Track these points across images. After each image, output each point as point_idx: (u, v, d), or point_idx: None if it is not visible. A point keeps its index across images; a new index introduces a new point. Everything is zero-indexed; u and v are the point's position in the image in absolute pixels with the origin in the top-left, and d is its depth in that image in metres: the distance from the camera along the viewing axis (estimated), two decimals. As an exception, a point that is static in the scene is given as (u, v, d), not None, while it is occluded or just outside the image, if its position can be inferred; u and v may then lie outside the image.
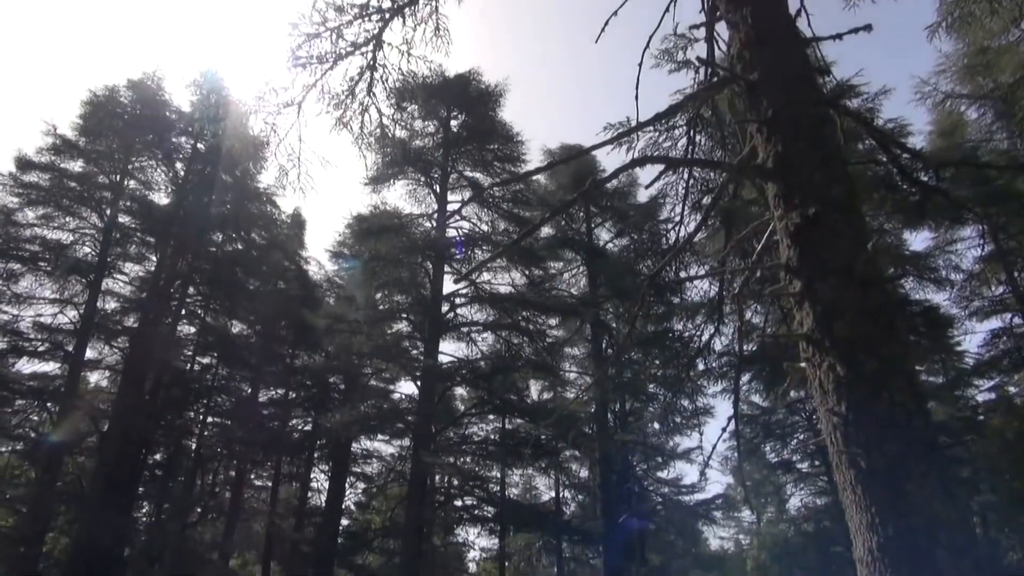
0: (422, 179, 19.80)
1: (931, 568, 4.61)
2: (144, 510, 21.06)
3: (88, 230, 19.51)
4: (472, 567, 29.69)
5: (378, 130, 9.67)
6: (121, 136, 20.29)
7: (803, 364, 5.49)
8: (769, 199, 5.94)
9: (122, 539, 17.57)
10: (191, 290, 21.44)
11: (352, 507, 27.30)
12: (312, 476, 25.08)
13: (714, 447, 8.94)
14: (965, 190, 15.74)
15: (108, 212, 19.47)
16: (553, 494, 27.18)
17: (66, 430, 16.89)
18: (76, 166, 19.87)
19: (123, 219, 20.06)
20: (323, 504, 23.07)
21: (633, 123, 6.61)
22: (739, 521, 24.91)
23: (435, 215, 19.25)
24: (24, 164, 19.16)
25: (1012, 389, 18.74)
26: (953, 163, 11.39)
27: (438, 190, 19.67)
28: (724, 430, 8.68)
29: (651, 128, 7.24)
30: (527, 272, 20.23)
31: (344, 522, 24.63)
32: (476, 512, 19.46)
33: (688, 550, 23.61)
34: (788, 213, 5.55)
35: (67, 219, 19.41)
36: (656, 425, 22.21)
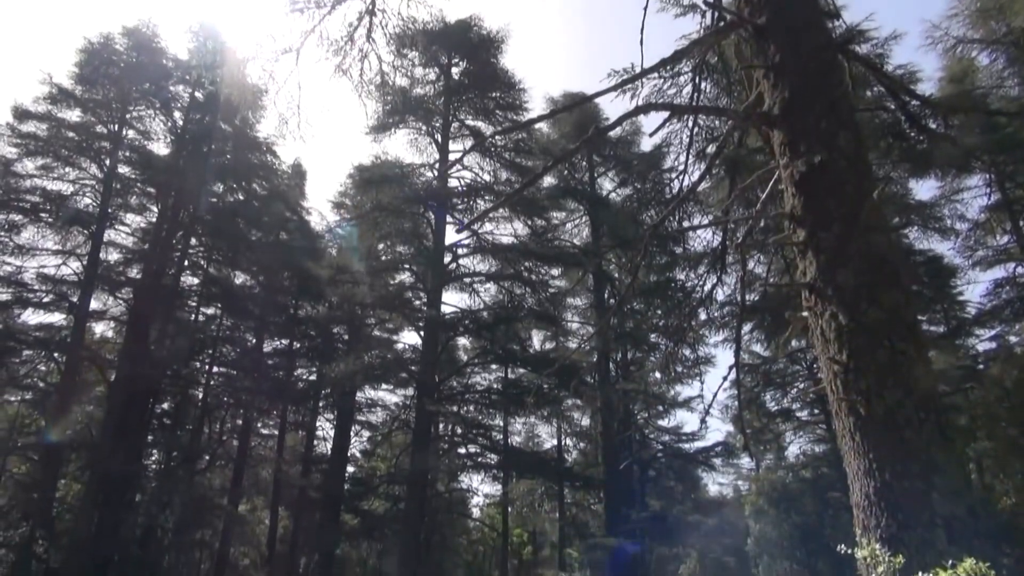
0: (423, 128, 19.57)
1: (926, 512, 4.70)
2: (154, 458, 21.44)
3: (88, 181, 19.40)
4: (476, 512, 30.34)
5: (378, 77, 9.53)
6: (118, 85, 20.00)
7: (805, 313, 5.50)
8: (775, 147, 5.87)
9: (133, 485, 17.94)
10: (193, 241, 21.41)
11: (357, 455, 27.79)
12: (317, 425, 25.46)
13: (715, 396, 9.01)
14: (974, 138, 15.54)
15: (107, 162, 19.33)
16: (555, 442, 27.61)
17: (62, 428, 17.06)
18: (74, 116, 19.65)
19: (123, 169, 19.92)
20: (329, 452, 23.47)
21: (638, 70, 6.49)
22: (738, 468, 25.32)
23: (436, 165, 19.09)
24: (21, 114, 18.94)
25: (1013, 338, 18.81)
26: (963, 110, 11.21)
27: (439, 139, 19.47)
28: (725, 379, 8.74)
29: (656, 75, 7.11)
30: (529, 222, 20.15)
31: (350, 469, 25.10)
32: (479, 459, 19.79)
33: (687, 496, 24.07)
34: (794, 161, 5.50)
35: (66, 169, 19.28)
36: (657, 374, 22.41)
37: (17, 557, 15.87)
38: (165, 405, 22.88)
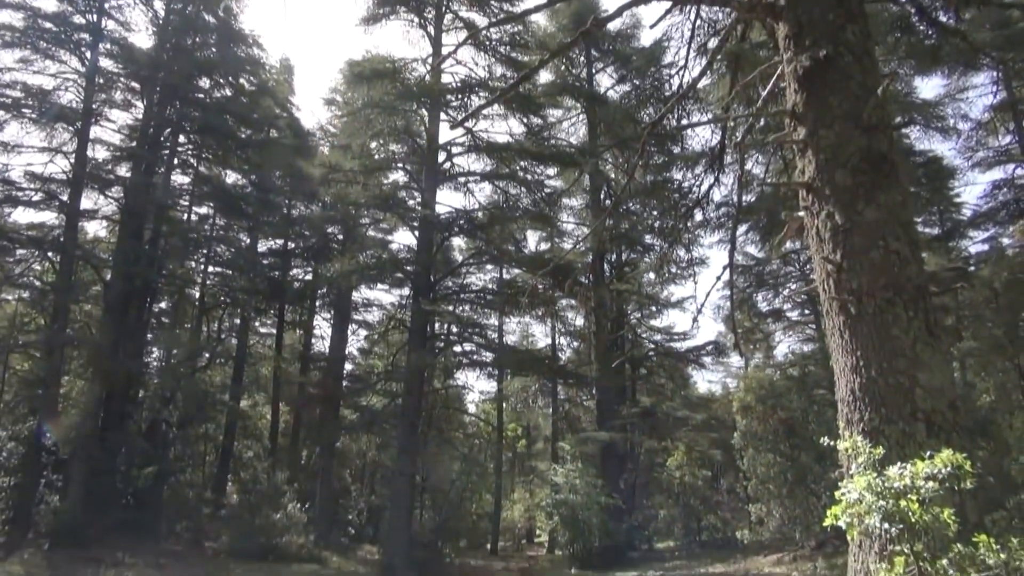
0: (415, 20, 18.82)
1: (908, 406, 4.85)
2: (154, 355, 21.78)
3: (70, 75, 18.74)
4: (471, 408, 31.23)
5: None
6: (93, -29, 19.01)
7: (801, 213, 5.48)
8: (779, 40, 5.68)
9: (136, 381, 18.31)
10: (182, 139, 20.96)
11: (355, 353, 28.31)
12: (315, 324, 25.79)
13: (707, 296, 9.06)
14: (984, 34, 15.03)
15: (88, 55, 18.62)
16: (549, 341, 28.13)
17: (62, 327, 17.03)
18: (50, 4, 18.82)
19: (105, 63, 19.19)
20: (327, 350, 23.87)
21: (639, -44, 6.18)
22: (727, 366, 25.91)
23: (429, 59, 18.49)
24: (-6, 2, 18.07)
25: (1006, 240, 18.89)
26: (975, 3, 10.78)
27: (432, 32, 18.76)
28: (718, 279, 8.80)
29: (658, -38, 6.77)
30: (525, 120, 19.74)
31: (348, 367, 25.63)
32: (475, 357, 20.17)
33: (677, 392, 24.74)
34: (798, 55, 5.33)
35: (46, 63, 18.57)
36: (651, 275, 22.59)
37: (27, 449, 16.37)
38: (163, 304, 23.06)
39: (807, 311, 21.50)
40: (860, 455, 4.14)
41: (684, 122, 9.30)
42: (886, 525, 3.84)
